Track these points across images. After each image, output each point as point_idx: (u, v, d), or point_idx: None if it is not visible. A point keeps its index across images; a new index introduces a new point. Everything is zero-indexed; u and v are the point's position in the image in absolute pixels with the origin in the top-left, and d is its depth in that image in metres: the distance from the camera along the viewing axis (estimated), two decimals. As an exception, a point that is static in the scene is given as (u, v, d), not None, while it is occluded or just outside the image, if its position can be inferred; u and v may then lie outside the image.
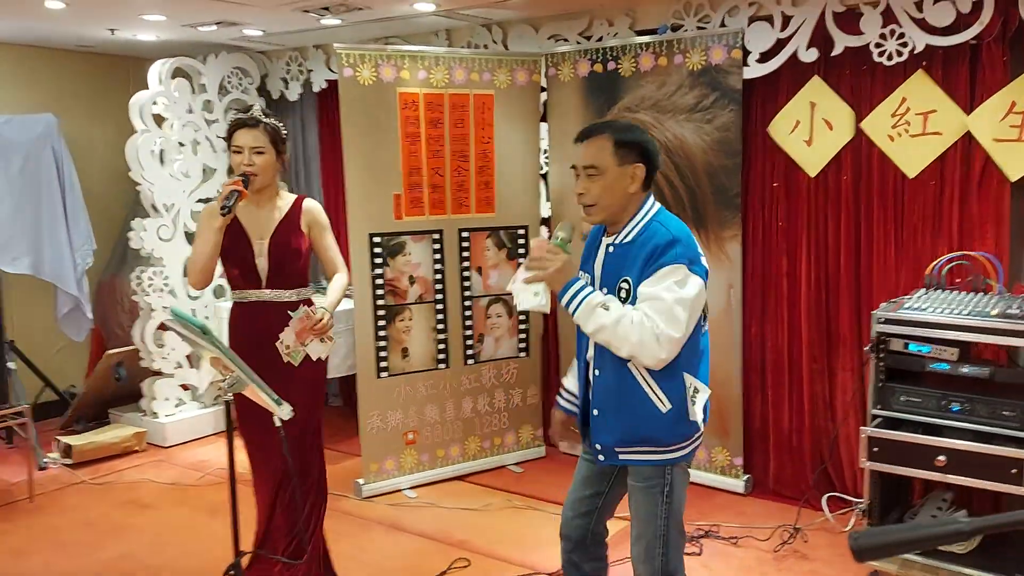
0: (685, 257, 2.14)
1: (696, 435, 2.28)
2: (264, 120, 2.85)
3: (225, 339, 2.94)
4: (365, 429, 4.09)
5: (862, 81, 3.57)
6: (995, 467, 2.82)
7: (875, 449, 3.02)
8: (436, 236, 4.17)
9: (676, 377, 2.20)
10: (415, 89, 4.02)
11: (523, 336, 4.43)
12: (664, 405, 2.20)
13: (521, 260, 4.35)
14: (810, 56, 3.60)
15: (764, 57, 3.72)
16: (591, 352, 2.30)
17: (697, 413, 2.24)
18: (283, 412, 2.18)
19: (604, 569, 2.55)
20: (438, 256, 4.18)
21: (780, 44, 3.66)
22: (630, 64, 4.04)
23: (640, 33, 4.09)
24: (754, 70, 3.75)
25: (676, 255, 2.13)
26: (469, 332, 4.30)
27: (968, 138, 3.35)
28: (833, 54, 3.54)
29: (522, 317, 4.39)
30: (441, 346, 4.24)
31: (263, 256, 2.85)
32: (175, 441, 4.92)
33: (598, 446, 2.30)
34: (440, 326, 4.22)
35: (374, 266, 4.04)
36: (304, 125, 5.42)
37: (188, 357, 5.01)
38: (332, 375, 4.69)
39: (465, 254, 4.25)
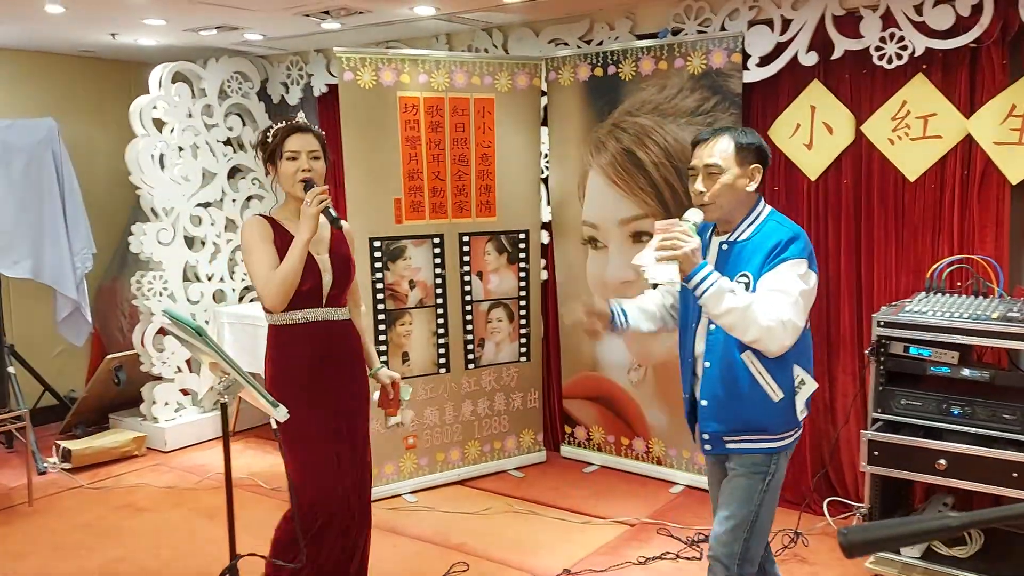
0: (806, 252, 2.25)
1: (799, 425, 2.38)
2: (312, 128, 2.71)
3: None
4: (365, 433, 4.08)
5: (862, 84, 3.57)
6: (996, 470, 2.81)
7: (875, 453, 3.01)
8: (436, 240, 4.16)
9: (787, 367, 2.30)
10: (415, 93, 4.03)
11: (524, 340, 4.43)
12: (776, 394, 2.29)
13: (522, 265, 4.36)
14: (810, 60, 3.60)
15: (764, 61, 3.72)
16: (701, 346, 2.38)
17: (799, 404, 2.32)
18: (279, 414, 2.17)
19: None
20: (438, 260, 4.18)
21: (780, 48, 3.66)
22: (631, 68, 4.04)
23: (640, 37, 4.10)
24: (754, 74, 3.75)
25: (799, 250, 2.24)
26: (470, 336, 4.30)
27: (968, 141, 3.35)
28: (833, 57, 3.54)
29: (523, 322, 4.39)
30: (442, 350, 4.23)
31: (328, 271, 2.67)
32: (175, 446, 4.92)
33: (706, 435, 2.39)
34: (440, 330, 4.22)
35: (374, 270, 4.03)
36: (304, 129, 5.41)
37: (188, 362, 5.00)
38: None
39: (466, 258, 4.25)
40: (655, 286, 2.55)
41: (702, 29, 3.88)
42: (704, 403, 2.37)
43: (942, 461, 2.90)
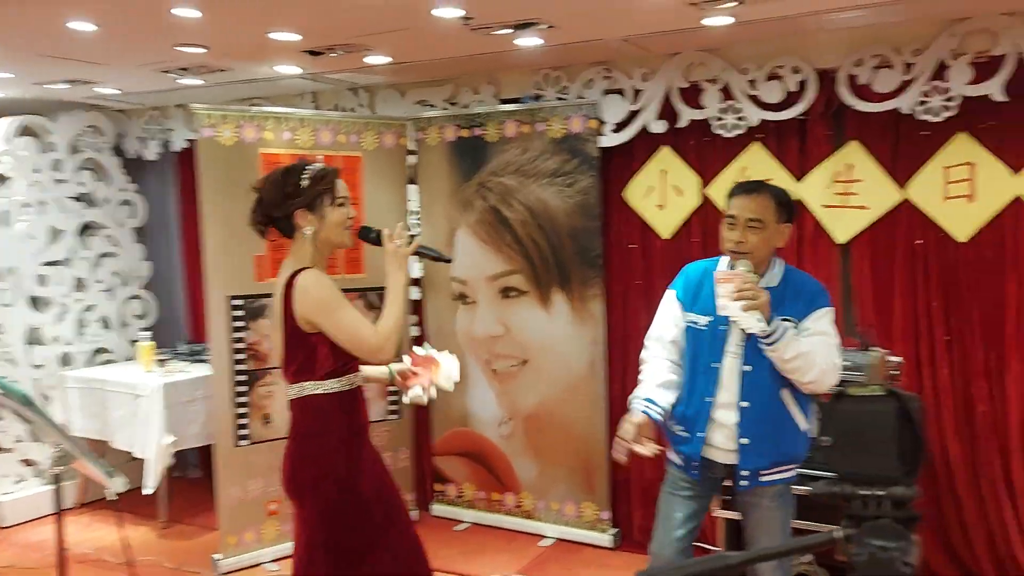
0: (831, 303, 2.57)
1: None
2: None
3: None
4: (223, 501, 3.92)
5: (706, 151, 3.83)
6: (801, 508, 2.84)
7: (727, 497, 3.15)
8: (301, 298, 4.09)
9: (810, 400, 2.58)
10: (279, 150, 4.00)
11: (393, 399, 4.39)
12: (804, 423, 2.56)
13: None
14: (659, 127, 3.83)
15: (619, 127, 3.93)
16: (731, 389, 2.54)
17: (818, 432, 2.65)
18: (117, 485, 2.06)
19: None
20: (303, 318, 4.10)
21: (632, 115, 3.89)
22: (495, 130, 4.17)
23: (504, 101, 4.25)
24: (610, 139, 3.95)
25: (828, 300, 2.57)
26: (336, 395, 4.22)
27: (800, 204, 3.64)
28: (680, 126, 3.79)
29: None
30: (306, 410, 4.13)
31: None
32: (15, 520, 4.54)
33: (744, 472, 2.55)
34: (305, 390, 4.12)
35: (234, 329, 3.92)
36: (164, 185, 5.26)
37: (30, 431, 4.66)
38: (190, 445, 4.49)
39: (332, 316, 4.19)
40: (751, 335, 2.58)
41: (561, 96, 4.07)
42: (746, 441, 2.53)
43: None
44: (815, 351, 2.43)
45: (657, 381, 2.65)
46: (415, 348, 2.70)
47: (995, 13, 3.13)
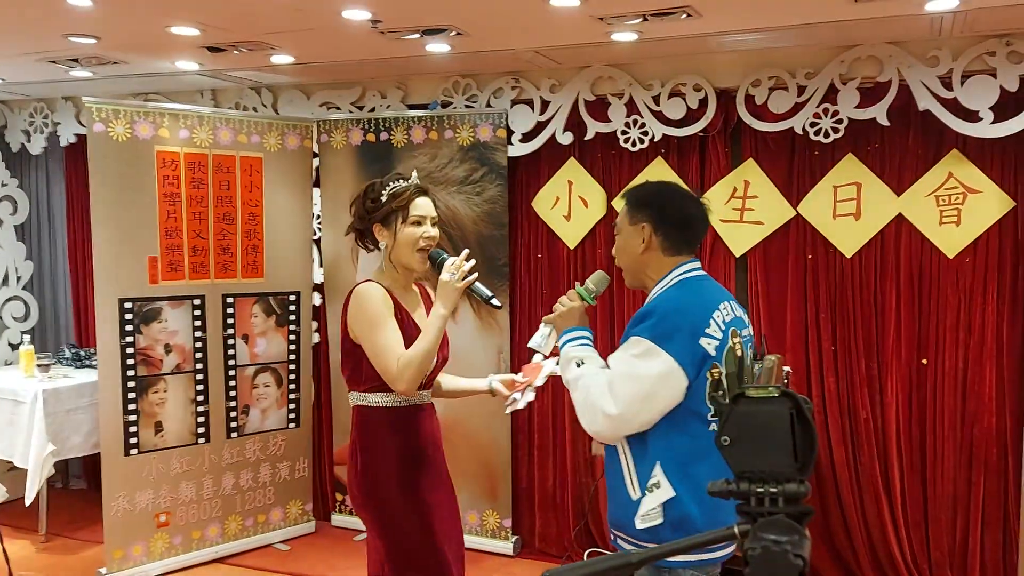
0: (656, 331, 1.94)
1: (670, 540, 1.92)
2: (429, 188, 2.47)
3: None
4: (110, 512, 3.73)
5: (612, 164, 3.91)
6: None
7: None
8: (197, 302, 3.95)
9: (647, 461, 1.95)
10: (175, 148, 3.85)
11: (293, 406, 4.28)
12: (635, 492, 1.96)
13: (292, 327, 4.24)
14: (567, 139, 3.88)
15: (526, 137, 3.97)
16: None
17: (644, 507, 1.93)
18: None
19: None
20: (199, 323, 3.97)
21: (540, 126, 3.93)
22: (402, 135, 4.14)
23: (412, 107, 4.22)
24: (518, 149, 3.98)
25: (644, 327, 1.96)
26: (233, 403, 4.09)
27: (700, 218, 3.75)
28: (586, 138, 3.85)
29: (292, 387, 4.25)
30: (201, 419, 3.99)
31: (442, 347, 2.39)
32: None
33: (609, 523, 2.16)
34: (200, 397, 3.98)
35: (124, 334, 3.75)
36: (49, 181, 4.99)
37: None
38: (74, 455, 4.27)
39: (230, 321, 4.07)
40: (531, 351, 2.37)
41: (469, 104, 4.07)
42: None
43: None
44: (581, 384, 1.99)
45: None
46: (534, 358, 2.52)
47: (881, 42, 3.33)
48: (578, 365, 2.03)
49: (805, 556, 0.83)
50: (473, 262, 2.33)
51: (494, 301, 2.36)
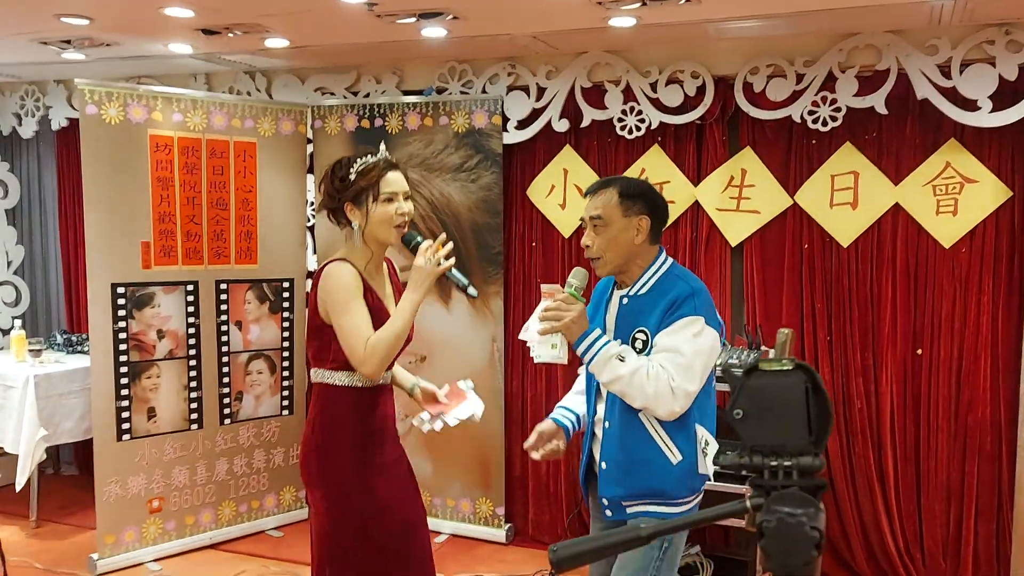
0: (703, 309, 2.15)
1: (701, 490, 2.27)
2: (399, 163, 2.39)
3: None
4: (102, 498, 3.71)
5: (608, 151, 3.89)
6: (714, 502, 3.06)
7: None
8: (190, 287, 3.93)
9: (689, 428, 2.17)
10: (169, 132, 3.82)
11: (287, 393, 4.26)
12: (675, 457, 2.17)
13: (286, 314, 4.22)
14: (562, 126, 3.86)
15: (522, 124, 3.94)
16: (602, 406, 2.27)
17: (708, 466, 2.18)
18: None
19: None
20: (192, 309, 3.94)
21: (536, 113, 3.90)
22: (397, 122, 4.11)
23: (407, 93, 4.19)
24: (513, 136, 3.96)
25: (695, 307, 2.13)
26: (226, 390, 4.07)
27: (696, 207, 3.75)
28: (582, 126, 3.83)
29: (285, 374, 4.23)
30: (194, 405, 3.96)
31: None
32: None
33: (605, 500, 2.26)
34: (193, 383, 3.96)
35: (117, 319, 3.72)
36: (40, 165, 4.94)
37: None
38: (65, 440, 4.24)
39: (223, 307, 4.04)
40: (544, 363, 2.35)
41: (465, 91, 4.05)
42: (603, 466, 2.24)
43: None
44: (641, 374, 2.07)
45: (577, 389, 2.52)
46: (459, 382, 2.57)
47: (880, 30, 3.31)
48: (620, 359, 2.10)
49: (821, 528, 0.82)
50: (450, 245, 2.29)
51: (471, 290, 2.32)
